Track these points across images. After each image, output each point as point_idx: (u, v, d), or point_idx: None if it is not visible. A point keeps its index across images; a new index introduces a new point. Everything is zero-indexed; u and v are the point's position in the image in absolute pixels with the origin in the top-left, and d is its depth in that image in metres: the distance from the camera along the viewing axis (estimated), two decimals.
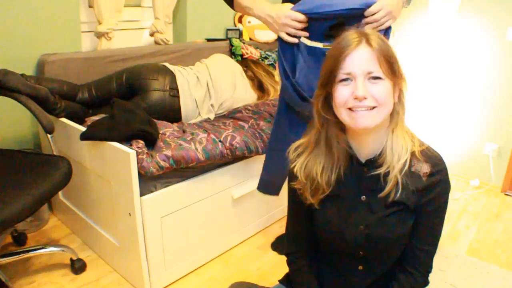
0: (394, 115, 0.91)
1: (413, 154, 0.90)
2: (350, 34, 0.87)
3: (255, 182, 1.85)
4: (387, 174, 0.90)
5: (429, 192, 0.91)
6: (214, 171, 1.68)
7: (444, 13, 2.52)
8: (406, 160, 0.89)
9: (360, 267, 0.99)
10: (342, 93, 0.86)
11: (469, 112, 2.62)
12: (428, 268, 0.98)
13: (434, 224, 0.95)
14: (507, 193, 2.57)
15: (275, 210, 2.06)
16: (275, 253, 1.86)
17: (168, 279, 1.63)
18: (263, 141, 1.77)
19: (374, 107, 0.85)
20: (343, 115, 0.87)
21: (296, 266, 1.09)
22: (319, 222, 0.99)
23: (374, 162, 0.92)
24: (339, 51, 0.86)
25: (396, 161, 0.89)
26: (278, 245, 1.88)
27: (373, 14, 1.24)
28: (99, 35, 2.14)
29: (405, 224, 0.93)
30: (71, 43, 2.06)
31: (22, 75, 1.63)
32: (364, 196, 0.94)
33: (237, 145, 1.66)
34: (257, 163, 1.85)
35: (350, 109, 0.86)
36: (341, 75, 0.86)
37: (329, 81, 0.88)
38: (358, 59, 0.85)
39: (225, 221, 1.80)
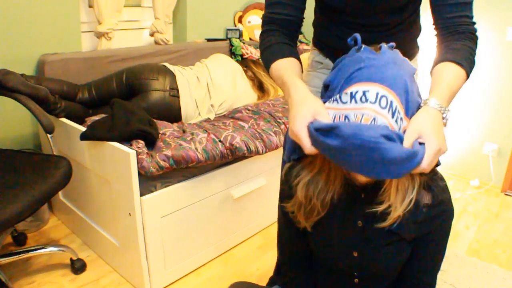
0: None
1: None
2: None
3: (255, 182, 1.86)
4: (387, 211, 0.83)
5: (430, 224, 0.86)
6: (214, 171, 1.68)
7: None
8: (411, 200, 0.80)
9: (356, 280, 0.97)
10: None
11: (469, 112, 2.62)
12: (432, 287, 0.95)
13: (436, 251, 0.91)
14: (507, 193, 2.57)
15: (275, 210, 2.06)
16: (275, 253, 1.86)
17: (168, 279, 1.63)
18: (263, 141, 1.77)
19: None
20: None
21: (291, 275, 1.06)
22: (312, 243, 0.97)
23: (375, 195, 0.84)
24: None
25: (400, 201, 0.81)
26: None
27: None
28: (99, 35, 2.14)
29: (401, 255, 0.90)
30: (71, 43, 2.06)
31: (22, 75, 1.63)
32: (360, 222, 0.89)
33: (237, 145, 1.66)
34: (257, 163, 1.85)
35: None
36: None
37: None
38: None
39: (225, 221, 1.80)
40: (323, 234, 0.93)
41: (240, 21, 2.94)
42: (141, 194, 1.44)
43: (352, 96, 0.73)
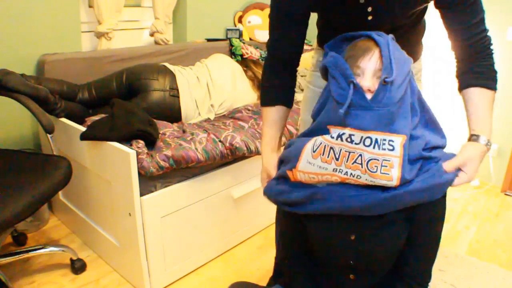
0: None
1: None
2: (366, 43, 0.87)
3: (255, 182, 1.86)
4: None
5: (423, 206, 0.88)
6: (214, 171, 1.68)
7: None
8: None
9: (352, 276, 0.98)
10: None
11: None
12: (428, 278, 0.95)
13: (432, 234, 0.92)
14: (507, 193, 2.57)
15: (275, 210, 2.06)
16: (275, 253, 1.86)
17: (168, 279, 1.63)
18: None
19: None
20: None
21: (293, 271, 1.07)
22: (311, 230, 0.98)
23: None
24: (352, 52, 0.86)
25: None
26: None
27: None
28: (99, 35, 2.14)
29: (398, 239, 0.91)
30: (71, 43, 2.06)
31: (22, 75, 1.63)
32: None
33: (237, 145, 1.66)
34: (257, 163, 1.85)
35: None
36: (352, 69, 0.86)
37: None
38: (370, 59, 0.85)
39: (225, 221, 1.80)
40: (322, 217, 0.94)
41: (240, 21, 2.94)
42: (141, 194, 1.44)
43: (339, 136, 0.85)
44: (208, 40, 2.71)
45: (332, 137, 0.86)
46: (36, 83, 1.65)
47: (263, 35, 2.95)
